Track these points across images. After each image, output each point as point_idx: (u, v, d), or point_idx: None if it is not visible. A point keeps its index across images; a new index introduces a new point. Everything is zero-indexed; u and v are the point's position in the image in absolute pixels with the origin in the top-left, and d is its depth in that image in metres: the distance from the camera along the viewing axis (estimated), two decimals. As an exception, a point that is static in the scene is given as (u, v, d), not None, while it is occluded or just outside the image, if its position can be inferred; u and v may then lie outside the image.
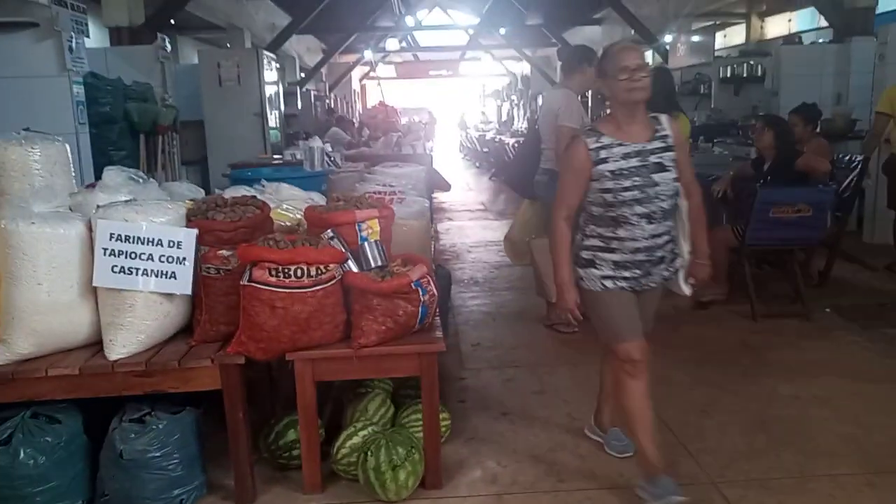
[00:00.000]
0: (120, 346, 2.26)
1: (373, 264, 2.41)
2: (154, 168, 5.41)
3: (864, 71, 7.32)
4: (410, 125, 11.20)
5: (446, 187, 9.86)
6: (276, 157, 5.90)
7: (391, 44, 20.09)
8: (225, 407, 2.28)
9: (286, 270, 2.16)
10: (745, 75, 9.65)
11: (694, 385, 3.33)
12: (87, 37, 4.37)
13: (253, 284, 2.17)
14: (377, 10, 16.66)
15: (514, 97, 21.98)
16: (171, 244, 2.27)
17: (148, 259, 2.25)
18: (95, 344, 2.32)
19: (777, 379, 3.37)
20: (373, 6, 16.57)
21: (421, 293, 2.30)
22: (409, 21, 18.50)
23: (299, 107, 12.76)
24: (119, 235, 2.23)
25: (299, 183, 3.79)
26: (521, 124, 17.63)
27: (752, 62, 9.59)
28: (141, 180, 2.81)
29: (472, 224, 8.59)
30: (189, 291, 2.31)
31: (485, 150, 16.95)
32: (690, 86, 11.22)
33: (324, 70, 20.64)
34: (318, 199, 3.48)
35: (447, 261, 6.24)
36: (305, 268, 2.18)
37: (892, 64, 6.09)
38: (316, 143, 3.90)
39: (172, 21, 11.27)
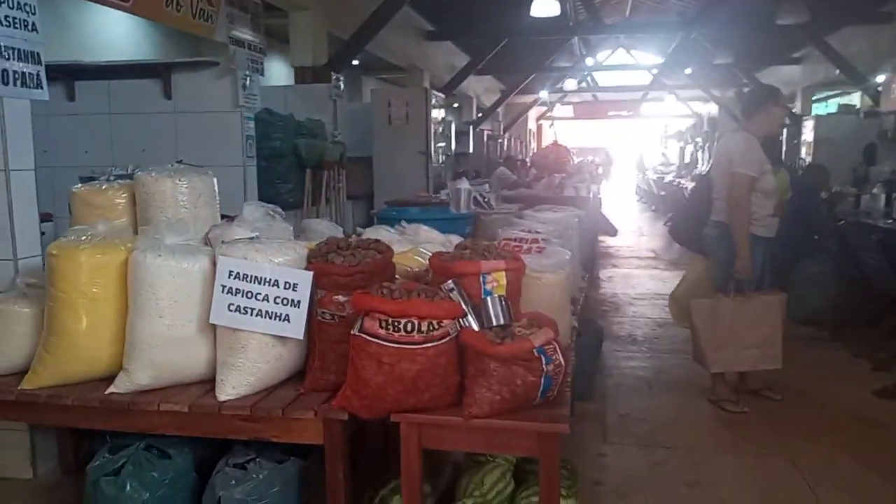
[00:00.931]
0: (230, 387, 2.18)
1: (494, 322, 2.15)
2: (318, 202, 5.57)
3: None
4: (578, 166, 10.83)
5: (612, 232, 9.39)
6: (434, 195, 5.86)
7: (569, 84, 19.85)
8: (325, 464, 2.12)
9: (396, 323, 1.97)
10: (980, 120, 8.23)
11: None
12: (262, 75, 4.60)
13: (362, 336, 2.00)
14: (556, 50, 16.57)
15: (698, 139, 20.78)
16: (288, 286, 2.18)
17: (263, 300, 2.16)
18: (213, 381, 2.28)
19: None
20: (552, 47, 16.51)
21: (544, 361, 2.00)
22: (589, 62, 18.20)
23: (471, 146, 12.93)
24: (238, 273, 2.17)
25: (444, 225, 3.65)
26: (704, 167, 16.55)
27: None
28: (277, 216, 2.80)
29: (638, 273, 8.03)
30: (301, 336, 2.20)
31: (662, 193, 16.11)
32: (905, 132, 9.80)
33: (500, 110, 20.93)
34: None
35: (604, 313, 5.80)
36: (416, 322, 1.97)
37: None
38: (463, 183, 3.74)
39: (356, 62, 11.99)
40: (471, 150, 12.50)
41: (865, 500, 2.66)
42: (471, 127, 13.20)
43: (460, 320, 2.11)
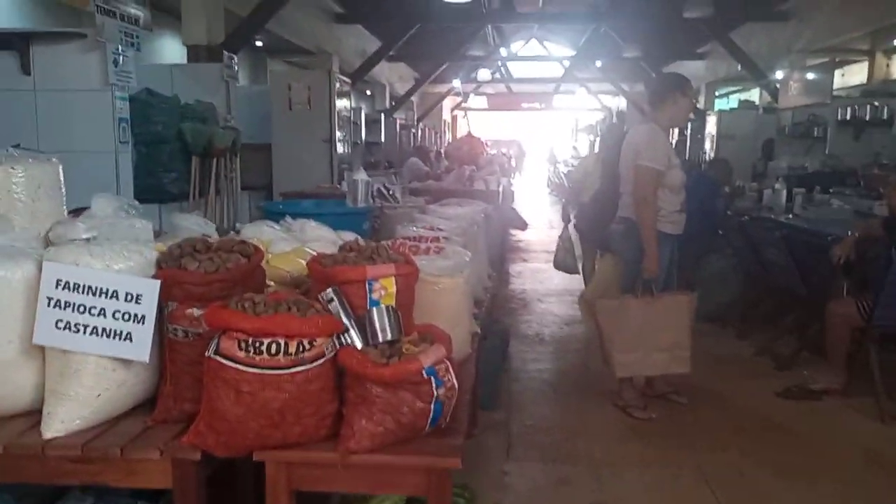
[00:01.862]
0: (58, 422, 1.80)
1: (381, 337, 1.86)
2: (207, 193, 5.11)
3: None
4: (490, 158, 10.69)
5: (522, 226, 9.27)
6: (339, 187, 5.50)
7: (483, 74, 19.78)
8: (177, 511, 1.77)
9: (257, 344, 1.65)
10: (867, 118, 8.61)
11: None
12: (138, 50, 4.11)
13: (217, 359, 1.66)
14: (470, 38, 16.40)
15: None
16: (130, 297, 1.81)
17: (100, 314, 1.79)
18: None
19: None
20: (465, 35, 16.33)
21: (435, 384, 1.73)
22: (503, 52, 18.16)
23: (383, 135, 12.56)
24: (68, 283, 1.79)
25: (339, 220, 3.32)
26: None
27: (877, 103, 8.54)
28: (134, 211, 2.40)
29: (548, 268, 7.91)
30: (146, 358, 1.84)
31: (572, 185, 16.25)
32: (802, 128, 10.18)
33: (415, 99, 20.62)
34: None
35: (513, 311, 5.63)
36: (283, 342, 1.66)
37: None
38: (360, 174, 3.42)
39: (260, 43, 11.38)
40: (382, 140, 12.12)
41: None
42: (382, 115, 12.81)
43: (340, 336, 1.81)
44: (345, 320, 1.87)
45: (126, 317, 1.81)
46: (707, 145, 11.53)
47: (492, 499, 2.57)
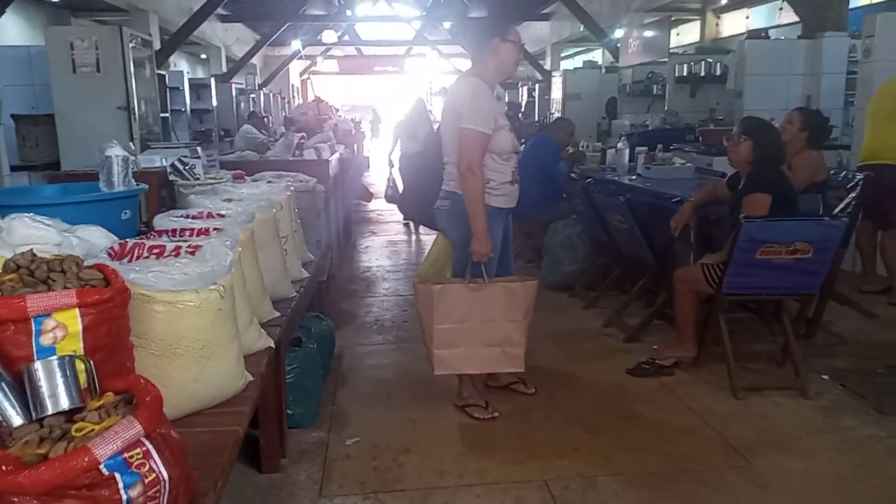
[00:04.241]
0: None
1: (50, 408, 1.22)
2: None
3: (837, 71, 6.53)
4: (334, 124, 9.92)
5: (367, 198, 8.70)
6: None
7: (328, 36, 18.74)
8: None
9: None
10: (702, 74, 8.73)
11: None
12: None
13: None
14: (308, -3, 15.38)
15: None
16: None
17: None
18: None
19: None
20: (304, -7, 15.30)
21: (122, 482, 1.12)
22: (348, 13, 17.22)
23: (214, 102, 11.41)
24: None
25: (88, 210, 2.57)
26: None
27: (710, 60, 8.66)
28: None
29: (397, 240, 7.43)
30: None
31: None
32: (643, 86, 10.29)
33: (258, 63, 19.20)
34: (100, 240, 2.28)
35: (353, 294, 5.06)
36: None
37: (882, 61, 5.15)
38: (115, 150, 2.66)
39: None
40: (211, 107, 10.99)
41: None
42: (213, 80, 11.62)
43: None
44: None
45: None
46: (553, 107, 11.44)
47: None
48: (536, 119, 12.03)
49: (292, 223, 3.12)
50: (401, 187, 7.14)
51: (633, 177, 5.00)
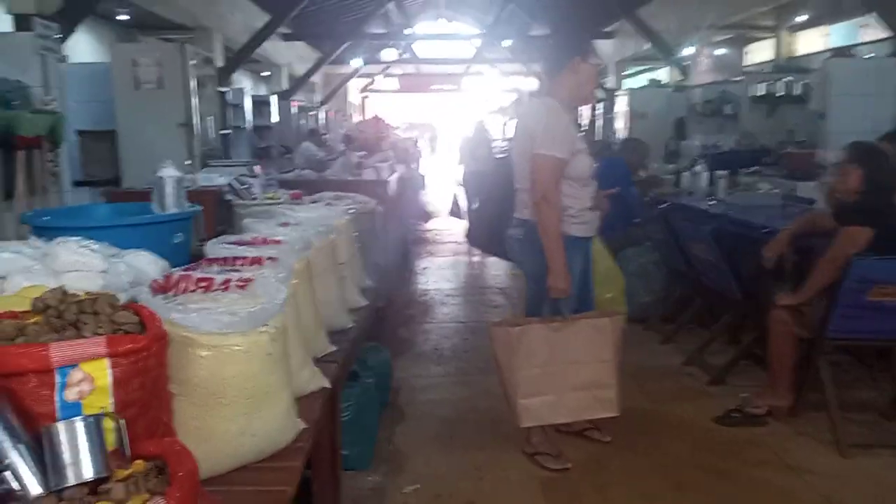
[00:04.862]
0: None
1: (70, 478, 1.02)
2: (16, 192, 4.05)
3: (931, 91, 6.06)
4: (393, 142, 9.82)
5: (424, 218, 8.53)
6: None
7: (387, 54, 18.82)
8: None
9: None
10: (780, 94, 8.28)
11: None
12: None
13: None
14: (370, 16, 15.45)
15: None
16: None
17: None
18: None
19: None
20: (366, 12, 15.38)
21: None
22: (408, 31, 17.29)
23: (275, 119, 11.49)
24: None
25: (144, 232, 2.43)
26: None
27: (790, 79, 8.21)
28: None
29: (456, 261, 7.21)
30: None
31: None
32: (713, 105, 9.84)
33: (319, 81, 19.45)
34: (149, 266, 2.12)
35: (410, 320, 4.84)
36: None
37: None
38: (168, 170, 2.51)
39: (125, 17, 10.06)
40: (271, 123, 11.06)
41: None
42: (274, 97, 11.72)
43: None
44: (6, 449, 1.03)
45: None
46: (619, 125, 11.08)
47: None
48: (596, 138, 11.71)
49: (351, 248, 2.92)
50: (462, 203, 7.28)
51: (713, 202, 4.65)
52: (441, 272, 6.66)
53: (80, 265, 1.91)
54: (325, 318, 2.36)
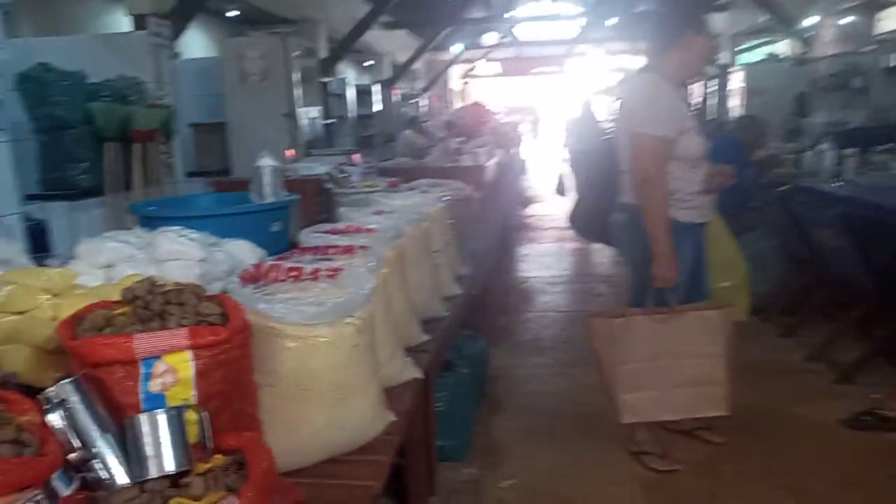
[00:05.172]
0: None
1: (152, 471, 1.02)
2: (133, 184, 4.27)
3: None
4: (494, 127, 9.69)
5: (524, 204, 8.38)
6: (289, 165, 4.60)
7: (489, 38, 18.66)
8: None
9: None
10: (919, 64, 7.48)
11: None
12: (7, 11, 3.24)
13: None
14: (470, 1, 15.31)
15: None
16: None
17: None
18: None
19: None
20: (466, -4, 15.26)
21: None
22: (507, 14, 17.04)
23: (377, 107, 11.66)
24: None
25: (243, 222, 2.47)
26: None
27: (931, 46, 7.41)
28: None
29: (558, 248, 7.03)
30: None
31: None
32: (838, 79, 9.03)
33: (421, 68, 19.58)
34: (246, 255, 2.15)
35: (509, 308, 4.75)
36: None
37: None
38: (265, 160, 2.54)
39: (236, 12, 10.45)
40: (373, 112, 11.21)
41: None
42: (375, 86, 11.88)
43: (53, 484, 0.96)
44: (94, 438, 1.03)
45: None
46: (733, 103, 10.42)
47: None
48: (708, 117, 11.08)
49: (446, 236, 2.86)
50: (568, 183, 7.37)
51: (840, 183, 4.25)
52: (542, 259, 6.51)
53: (180, 254, 1.96)
54: (417, 307, 2.31)
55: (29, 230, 3.61)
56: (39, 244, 3.58)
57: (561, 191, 8.55)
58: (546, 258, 6.54)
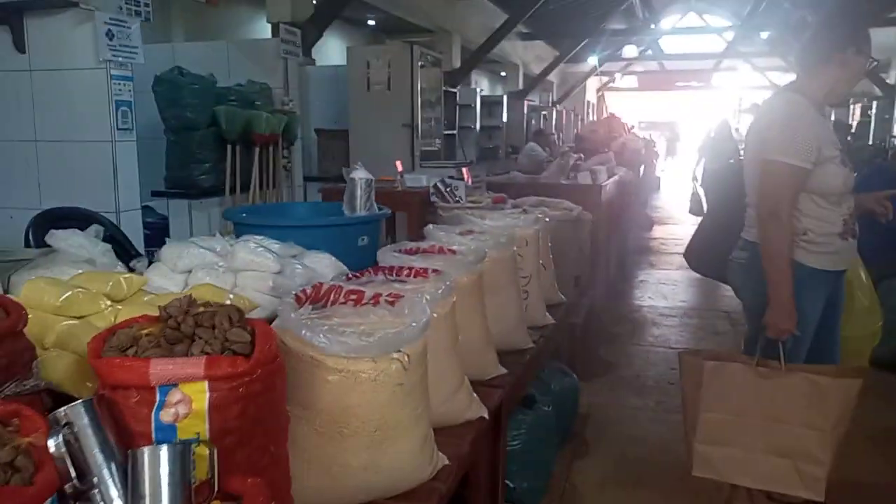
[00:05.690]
0: None
1: (147, 508, 0.96)
2: (252, 186, 4.44)
3: None
4: (622, 143, 9.30)
5: (647, 226, 7.99)
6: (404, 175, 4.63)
7: (629, 51, 18.09)
8: None
9: None
10: None
11: None
12: (147, 19, 3.46)
13: None
14: (613, 11, 14.88)
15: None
16: None
17: None
18: None
19: None
20: (609, 8, 14.84)
21: None
22: (652, 26, 16.40)
23: (503, 119, 11.58)
24: None
25: (331, 234, 2.47)
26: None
27: None
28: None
29: (678, 277, 6.61)
30: None
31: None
32: None
33: (555, 80, 19.32)
34: (326, 269, 2.13)
35: (615, 338, 4.48)
36: None
37: None
38: (359, 172, 2.51)
39: (372, 22, 10.76)
40: (502, 124, 11.14)
41: None
42: (505, 97, 11.81)
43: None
44: (98, 466, 1.00)
45: None
46: (898, 128, 9.43)
47: None
48: (871, 142, 10.06)
49: (539, 261, 2.70)
50: (704, 203, 7.10)
51: None
52: (659, 287, 6.14)
53: (255, 265, 1.95)
54: (498, 337, 2.18)
55: (152, 225, 3.83)
56: (160, 239, 3.80)
57: (694, 211, 8.14)
58: (664, 286, 6.16)
